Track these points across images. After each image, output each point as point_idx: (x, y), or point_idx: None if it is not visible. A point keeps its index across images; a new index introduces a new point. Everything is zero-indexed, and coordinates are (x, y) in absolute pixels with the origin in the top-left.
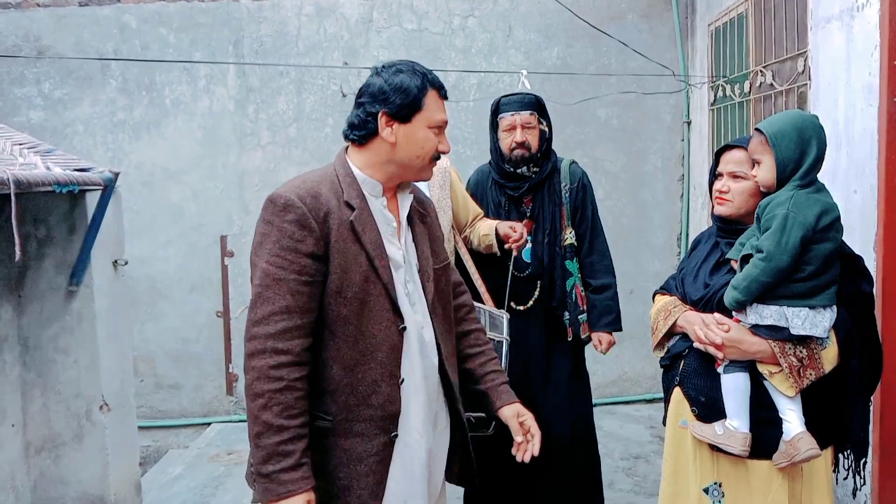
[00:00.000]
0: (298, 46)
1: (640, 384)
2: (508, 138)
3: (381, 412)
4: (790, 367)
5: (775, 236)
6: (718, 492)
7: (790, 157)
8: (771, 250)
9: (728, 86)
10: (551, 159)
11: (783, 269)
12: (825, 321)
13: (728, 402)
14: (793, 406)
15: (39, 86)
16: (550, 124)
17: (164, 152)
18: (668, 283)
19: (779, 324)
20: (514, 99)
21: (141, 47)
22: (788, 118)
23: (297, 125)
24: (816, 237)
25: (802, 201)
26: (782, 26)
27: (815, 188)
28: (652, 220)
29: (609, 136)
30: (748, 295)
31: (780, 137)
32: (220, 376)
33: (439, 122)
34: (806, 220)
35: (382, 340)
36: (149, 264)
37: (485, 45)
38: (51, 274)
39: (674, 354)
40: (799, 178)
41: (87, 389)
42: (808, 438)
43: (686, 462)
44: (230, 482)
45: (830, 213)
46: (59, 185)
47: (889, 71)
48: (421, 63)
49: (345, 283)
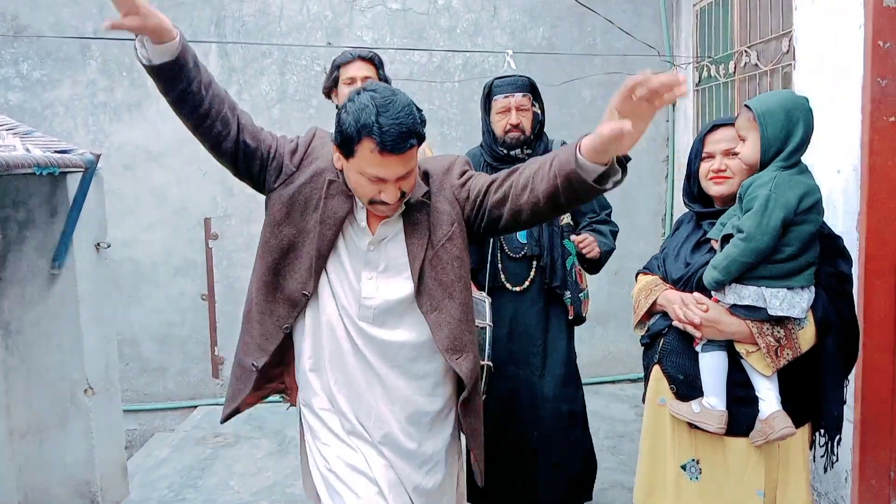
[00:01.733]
0: (281, 26)
1: (624, 364)
2: (503, 121)
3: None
4: (767, 346)
5: (756, 217)
6: (696, 468)
7: (776, 137)
8: (751, 231)
9: (713, 66)
10: (543, 140)
11: (763, 250)
12: (803, 302)
13: (705, 380)
14: (769, 385)
15: (17, 66)
16: (543, 106)
17: (146, 134)
18: (651, 263)
19: (757, 304)
20: (507, 81)
21: None
22: (778, 98)
23: (281, 106)
24: (797, 219)
25: (785, 182)
26: (767, 6)
27: (799, 170)
28: (636, 201)
29: (594, 116)
30: (727, 275)
31: (768, 116)
32: (205, 359)
33: (371, 177)
34: (788, 202)
35: (289, 294)
36: (132, 247)
37: (470, 24)
38: (32, 257)
39: (654, 333)
40: (783, 158)
41: (71, 373)
42: (784, 417)
43: (664, 439)
44: (217, 464)
45: (812, 195)
46: (40, 167)
47: (873, 51)
48: (405, 43)
49: (287, 219)
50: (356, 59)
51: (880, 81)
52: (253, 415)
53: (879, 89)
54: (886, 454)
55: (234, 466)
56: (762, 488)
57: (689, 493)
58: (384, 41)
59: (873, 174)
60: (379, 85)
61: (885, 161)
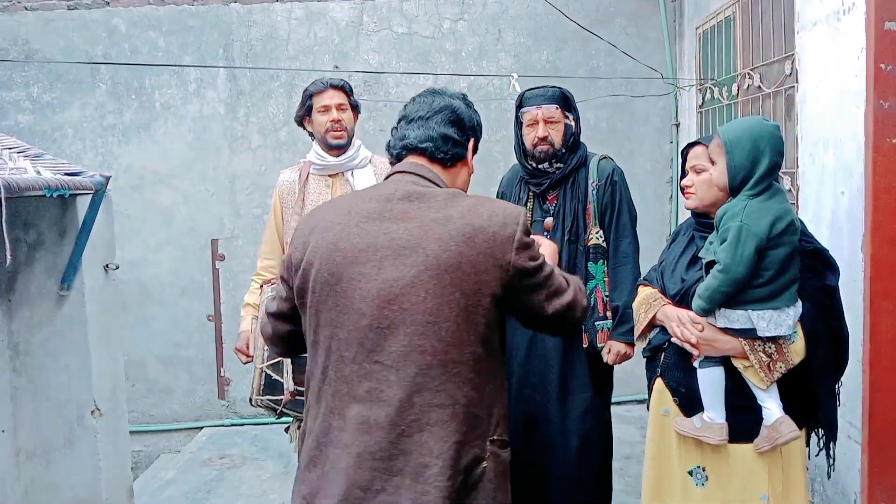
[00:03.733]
0: (288, 50)
1: (629, 385)
2: (531, 133)
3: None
4: (760, 362)
5: (730, 249)
6: (702, 475)
7: (741, 165)
8: (727, 262)
9: (716, 88)
10: (578, 154)
11: (740, 280)
12: (789, 319)
13: (704, 395)
14: (769, 394)
15: (28, 89)
16: (578, 118)
17: (155, 156)
18: (650, 275)
19: (745, 326)
20: (536, 93)
21: (130, 51)
22: (745, 126)
23: (288, 128)
24: (771, 244)
25: (755, 211)
26: (769, 29)
27: (769, 194)
28: (641, 222)
29: (598, 138)
30: (712, 304)
31: (734, 144)
32: (211, 380)
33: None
34: (759, 231)
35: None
36: (140, 268)
37: (475, 48)
38: (41, 278)
39: (655, 346)
40: (750, 187)
41: (78, 394)
42: (789, 422)
43: (670, 446)
44: (222, 486)
45: (784, 219)
46: (50, 189)
47: (875, 73)
48: (411, 66)
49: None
50: (328, 87)
51: (883, 104)
52: (259, 436)
53: (882, 112)
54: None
55: (239, 488)
56: (767, 493)
57: (695, 498)
58: (390, 65)
59: (877, 196)
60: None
61: (889, 183)
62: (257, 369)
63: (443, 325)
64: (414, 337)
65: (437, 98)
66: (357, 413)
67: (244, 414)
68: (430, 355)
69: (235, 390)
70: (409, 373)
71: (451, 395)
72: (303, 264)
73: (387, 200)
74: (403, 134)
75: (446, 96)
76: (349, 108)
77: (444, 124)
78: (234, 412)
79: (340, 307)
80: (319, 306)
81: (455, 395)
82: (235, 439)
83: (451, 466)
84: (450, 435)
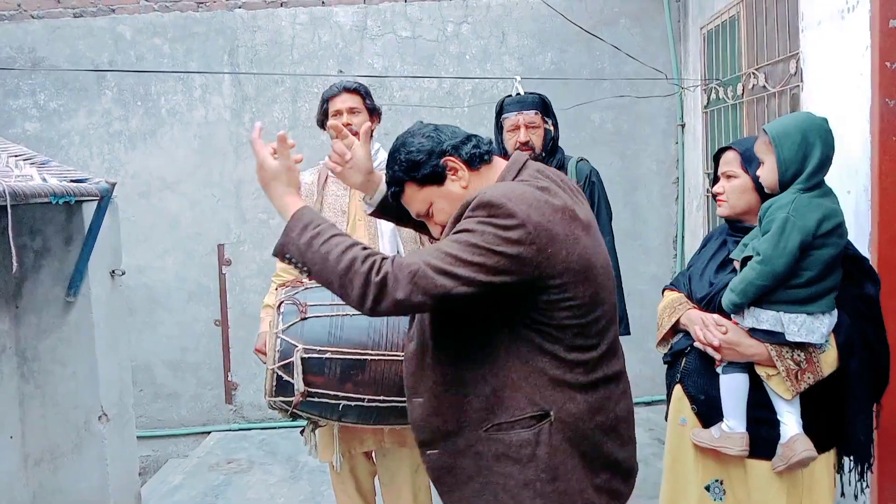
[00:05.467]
0: (293, 55)
1: (638, 386)
2: (512, 138)
3: None
4: (787, 370)
5: (773, 239)
6: (720, 489)
7: (792, 159)
8: (768, 253)
9: (721, 88)
10: (556, 157)
11: (779, 274)
12: (822, 327)
13: (725, 402)
14: (790, 408)
15: (35, 97)
16: (556, 123)
17: (161, 162)
18: (678, 280)
19: (775, 329)
20: (516, 99)
21: (136, 58)
22: (794, 119)
23: (293, 133)
24: (817, 243)
25: (804, 205)
26: (774, 28)
27: (821, 192)
28: (647, 222)
29: (603, 139)
30: (745, 298)
31: (782, 138)
32: (218, 385)
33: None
34: (806, 225)
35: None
36: (146, 274)
37: (479, 51)
38: (48, 285)
39: (676, 351)
40: (803, 180)
41: (85, 400)
42: (804, 440)
43: (686, 459)
44: (230, 491)
45: (833, 219)
46: (56, 196)
47: (880, 71)
48: (415, 70)
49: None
50: (342, 91)
51: (889, 102)
52: (266, 441)
53: (888, 110)
54: None
55: (247, 493)
56: None
57: None
58: (394, 68)
59: (883, 194)
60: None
61: (895, 181)
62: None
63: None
64: None
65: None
66: None
67: (251, 418)
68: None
69: (243, 395)
70: None
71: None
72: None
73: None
74: (478, 140)
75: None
76: (364, 111)
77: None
78: (242, 417)
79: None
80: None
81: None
82: (243, 444)
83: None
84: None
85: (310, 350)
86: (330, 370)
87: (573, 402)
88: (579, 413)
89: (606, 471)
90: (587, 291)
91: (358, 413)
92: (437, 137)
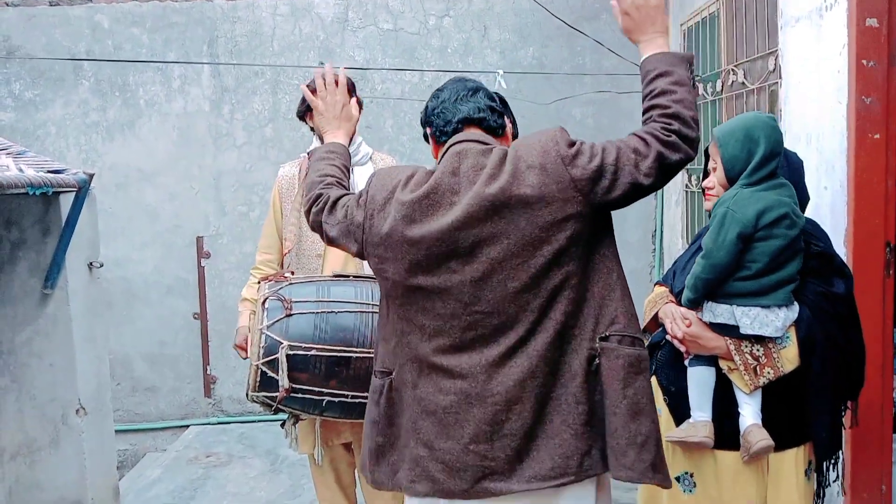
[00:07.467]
0: (273, 46)
1: None
2: None
3: None
4: (745, 364)
5: (713, 234)
6: (690, 481)
7: (736, 157)
8: (709, 247)
9: (701, 84)
10: None
11: (720, 266)
12: (777, 321)
13: (692, 394)
14: (749, 401)
15: (9, 86)
16: (514, 120)
17: (139, 153)
18: (667, 274)
19: (729, 322)
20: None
21: (114, 47)
22: (739, 119)
23: (273, 125)
24: (760, 234)
25: (744, 198)
26: (753, 25)
27: (769, 185)
28: (626, 217)
29: (584, 135)
30: (696, 292)
31: (727, 137)
32: (197, 378)
33: None
34: (744, 217)
35: None
36: (124, 266)
37: (460, 44)
38: (24, 277)
39: (652, 344)
40: (745, 176)
41: (62, 393)
42: (759, 430)
43: None
44: (209, 484)
45: (775, 210)
46: (33, 186)
47: (857, 69)
48: (397, 63)
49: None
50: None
51: (865, 100)
52: (245, 434)
53: (864, 107)
54: (878, 468)
55: (226, 486)
56: (755, 502)
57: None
58: (376, 61)
59: (859, 191)
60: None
61: (871, 178)
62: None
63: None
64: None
65: (469, 82)
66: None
67: (230, 412)
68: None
69: (222, 388)
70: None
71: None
72: None
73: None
74: (456, 109)
75: (472, 81)
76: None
77: (486, 98)
78: (221, 410)
79: None
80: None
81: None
82: (222, 437)
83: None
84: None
85: (295, 347)
86: (315, 367)
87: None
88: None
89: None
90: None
91: (341, 408)
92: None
